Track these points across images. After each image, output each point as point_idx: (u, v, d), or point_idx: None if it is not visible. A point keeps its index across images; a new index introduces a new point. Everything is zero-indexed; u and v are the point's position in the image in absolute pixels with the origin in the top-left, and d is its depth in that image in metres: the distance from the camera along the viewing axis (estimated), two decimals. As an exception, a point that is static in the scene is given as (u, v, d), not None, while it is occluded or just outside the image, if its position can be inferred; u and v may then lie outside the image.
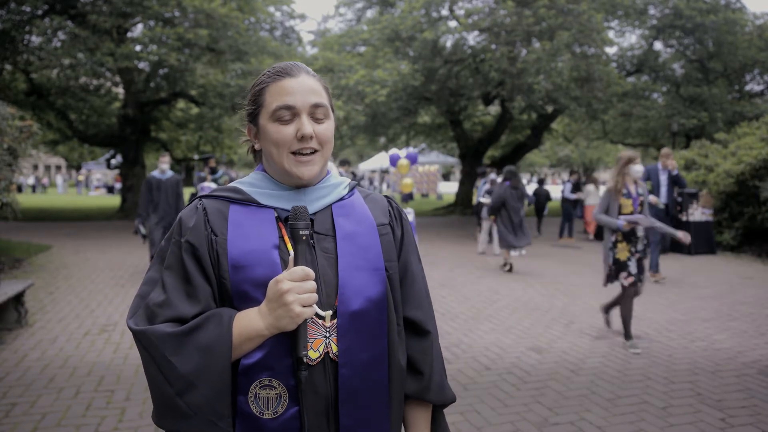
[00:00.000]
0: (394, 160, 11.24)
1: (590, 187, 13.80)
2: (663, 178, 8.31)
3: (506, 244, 8.70)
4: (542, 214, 15.10)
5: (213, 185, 7.97)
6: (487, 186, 11.13)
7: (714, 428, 3.35)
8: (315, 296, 1.04)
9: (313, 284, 1.04)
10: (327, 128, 1.16)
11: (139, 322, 1.07)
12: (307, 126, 1.12)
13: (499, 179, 11.76)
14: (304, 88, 1.14)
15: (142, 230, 7.71)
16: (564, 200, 13.47)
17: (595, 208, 5.06)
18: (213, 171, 8.64)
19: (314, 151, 1.14)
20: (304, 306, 1.02)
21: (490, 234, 11.18)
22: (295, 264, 1.05)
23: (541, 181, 16.23)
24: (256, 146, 1.22)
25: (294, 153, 1.13)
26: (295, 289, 1.02)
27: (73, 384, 3.93)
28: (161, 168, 7.78)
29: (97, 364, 4.34)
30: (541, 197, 14.99)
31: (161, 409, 1.06)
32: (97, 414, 3.46)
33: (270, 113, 1.14)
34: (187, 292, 1.08)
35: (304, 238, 1.06)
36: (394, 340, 1.18)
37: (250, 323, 1.05)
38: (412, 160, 12.04)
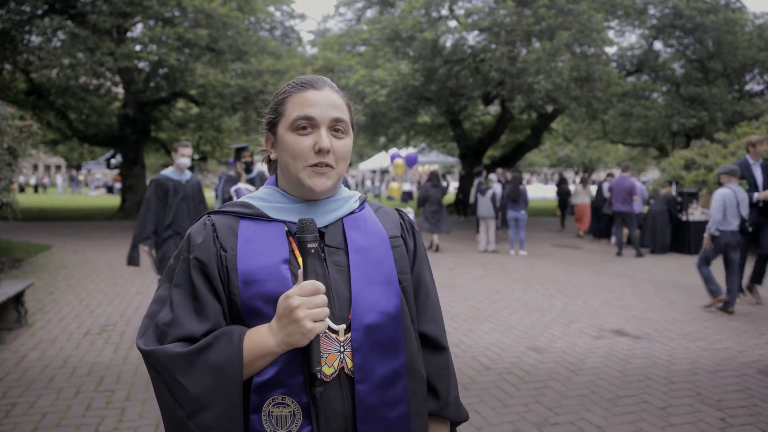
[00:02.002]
0: (393, 159, 11.27)
1: (579, 186, 13.86)
2: (758, 172, 6.57)
3: (427, 229, 10.84)
4: (565, 211, 16.32)
5: (250, 188, 5.81)
6: (484, 186, 11.23)
7: (714, 428, 3.35)
8: (326, 311, 1.01)
9: (324, 298, 1.01)
10: (345, 144, 1.14)
11: (149, 342, 1.05)
12: (325, 140, 1.10)
13: (490, 178, 12.07)
14: (327, 101, 1.12)
15: (154, 255, 5.19)
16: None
17: None
18: (248, 168, 6.21)
19: (330, 167, 1.12)
20: (315, 321, 1.00)
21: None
22: (305, 278, 1.02)
23: (563, 180, 16.84)
24: (272, 156, 1.20)
25: (310, 166, 1.12)
26: (306, 304, 0.99)
27: (73, 384, 3.93)
28: (180, 164, 5.19)
29: (97, 364, 4.33)
30: (563, 195, 16.25)
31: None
32: (97, 414, 3.46)
33: (290, 123, 1.12)
34: (196, 310, 1.06)
35: (312, 251, 1.04)
36: (413, 353, 1.16)
37: (260, 341, 1.02)
38: (410, 162, 12.03)
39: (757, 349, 4.89)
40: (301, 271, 1.04)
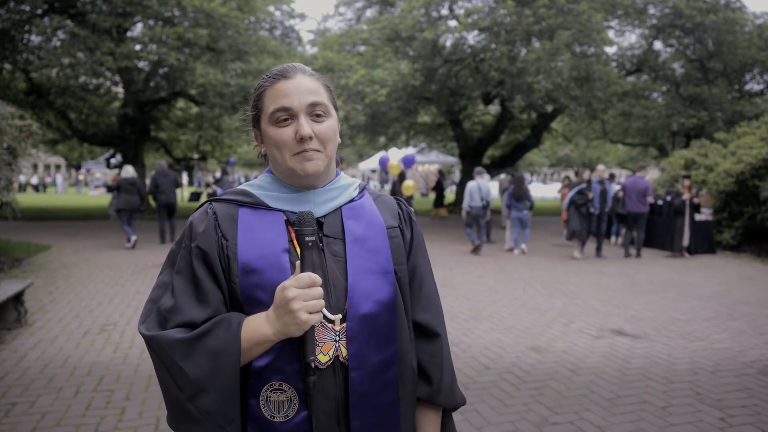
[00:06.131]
0: (383, 163, 11.16)
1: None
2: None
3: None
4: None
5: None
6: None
7: (714, 428, 3.35)
8: (322, 303, 1.04)
9: (319, 291, 1.03)
10: (328, 126, 1.14)
11: (150, 328, 1.08)
12: (305, 127, 1.11)
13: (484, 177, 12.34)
14: (300, 88, 1.13)
15: None
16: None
17: None
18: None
19: (316, 151, 1.13)
20: (310, 313, 1.02)
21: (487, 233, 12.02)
22: (302, 270, 1.04)
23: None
24: (262, 150, 1.22)
25: (296, 154, 1.13)
26: (302, 296, 1.01)
27: (73, 384, 3.93)
28: None
29: (97, 364, 4.33)
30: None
31: (174, 414, 1.07)
32: (96, 414, 3.46)
33: (269, 117, 1.13)
34: (196, 297, 1.09)
35: (310, 244, 1.06)
36: (405, 342, 1.17)
37: (258, 328, 1.05)
38: (407, 163, 11.94)
39: (757, 349, 4.89)
40: (298, 264, 1.06)
